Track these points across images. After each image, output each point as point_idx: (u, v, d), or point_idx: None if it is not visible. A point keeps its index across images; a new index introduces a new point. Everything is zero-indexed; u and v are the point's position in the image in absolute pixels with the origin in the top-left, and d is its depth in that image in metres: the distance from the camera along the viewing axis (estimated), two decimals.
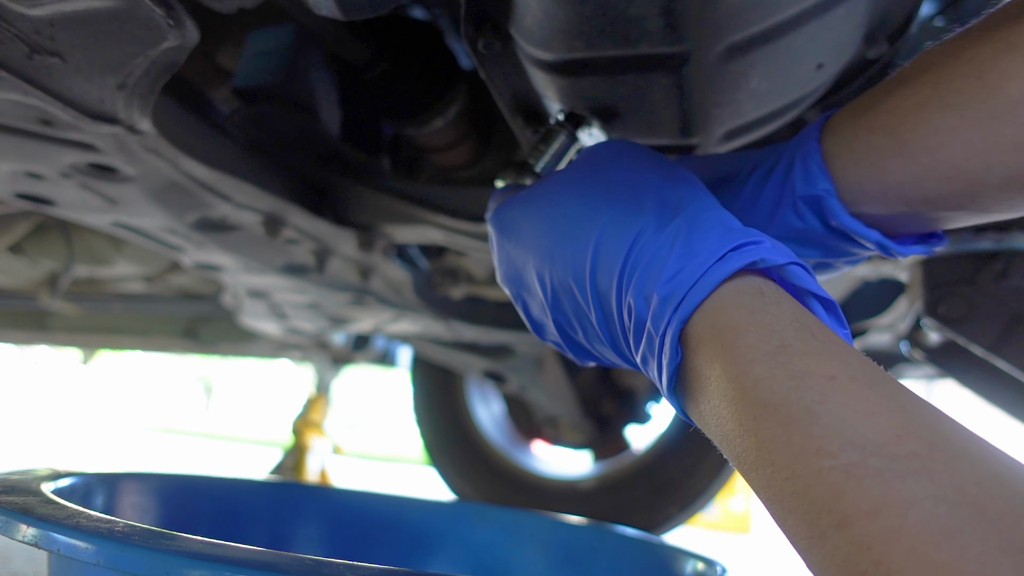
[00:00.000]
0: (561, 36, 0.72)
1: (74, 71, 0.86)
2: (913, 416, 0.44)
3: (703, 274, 0.56)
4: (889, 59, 0.88)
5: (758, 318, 0.53)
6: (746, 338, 0.52)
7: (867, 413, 0.44)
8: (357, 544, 1.29)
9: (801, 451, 0.45)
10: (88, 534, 0.62)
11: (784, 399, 0.47)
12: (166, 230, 1.44)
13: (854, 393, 0.46)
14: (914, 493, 0.40)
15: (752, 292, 0.55)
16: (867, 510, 0.40)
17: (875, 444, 0.42)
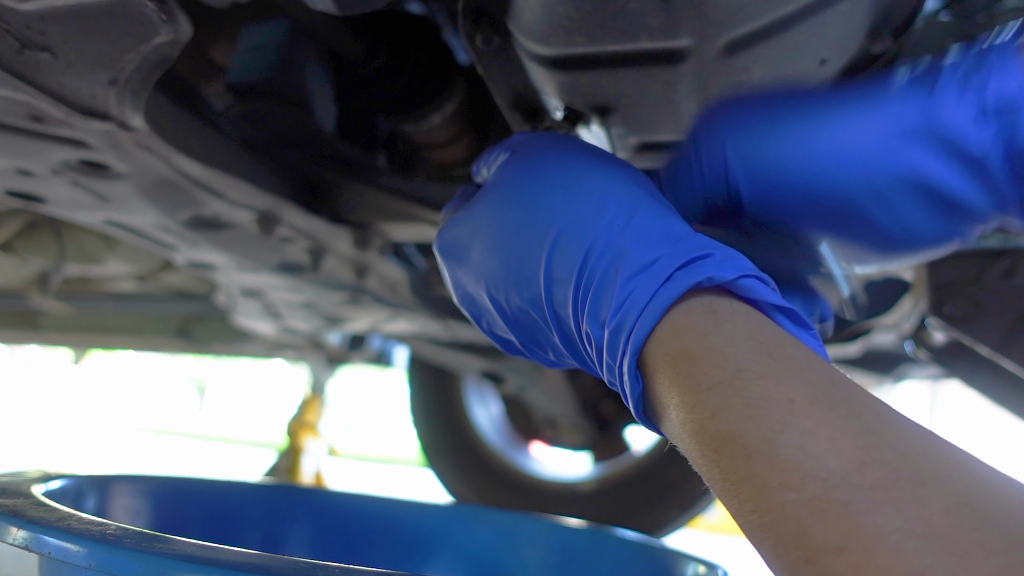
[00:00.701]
0: (560, 31, 0.72)
1: (65, 67, 0.86)
2: (878, 439, 0.43)
3: (650, 299, 0.53)
4: (893, 55, 0.88)
5: (711, 341, 0.50)
6: (700, 365, 0.50)
7: (828, 439, 0.43)
8: (352, 547, 1.29)
9: (764, 485, 0.44)
10: (79, 537, 0.62)
11: (742, 430, 0.46)
12: (158, 228, 1.44)
13: (814, 418, 0.44)
14: (880, 527, 0.39)
15: (704, 312, 0.52)
16: (833, 547, 0.40)
17: (838, 475, 0.41)
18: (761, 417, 0.45)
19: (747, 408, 0.46)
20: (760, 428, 0.45)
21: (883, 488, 0.40)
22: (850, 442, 0.42)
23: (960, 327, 1.24)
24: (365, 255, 1.63)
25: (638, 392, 0.55)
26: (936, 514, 0.39)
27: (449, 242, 0.70)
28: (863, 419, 0.44)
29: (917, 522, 0.38)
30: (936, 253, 0.66)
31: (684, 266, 0.53)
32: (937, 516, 0.38)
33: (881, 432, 0.43)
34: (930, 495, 0.39)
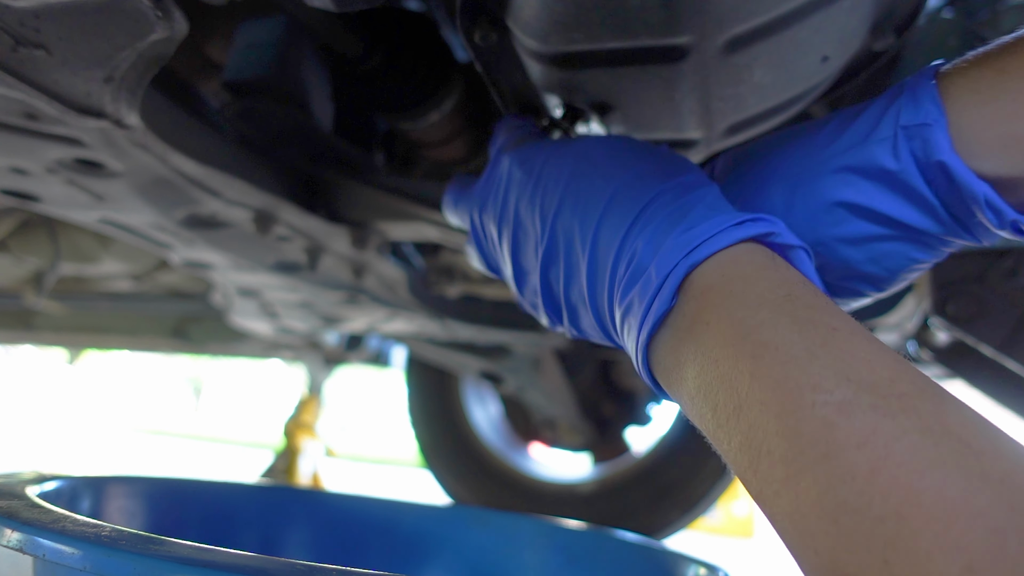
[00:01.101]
0: (559, 28, 0.72)
1: (60, 64, 0.86)
2: (907, 367, 0.47)
3: (720, 231, 0.58)
4: (896, 52, 0.88)
5: (768, 273, 0.55)
6: (756, 286, 0.54)
7: (864, 359, 0.47)
8: (350, 549, 1.29)
9: (796, 387, 0.47)
10: (74, 539, 0.62)
11: (786, 340, 0.49)
12: (154, 227, 1.44)
13: (855, 343, 0.48)
14: (902, 427, 0.42)
15: (764, 253, 0.58)
16: (855, 442, 0.43)
17: (869, 383, 0.45)
18: (807, 333, 0.49)
19: (795, 324, 0.50)
20: (804, 340, 0.49)
21: (908, 398, 0.44)
22: (883, 363, 0.47)
23: (963, 327, 1.24)
24: (363, 254, 1.63)
25: (663, 310, 0.58)
26: (954, 423, 0.42)
27: (527, 152, 0.77)
28: (895, 354, 0.48)
29: (936, 425, 0.42)
30: (912, 276, 0.71)
31: (755, 220, 0.59)
32: (955, 424, 0.42)
33: (906, 364, 0.47)
34: (950, 408, 0.43)
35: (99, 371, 19.49)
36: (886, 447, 0.41)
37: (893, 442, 0.41)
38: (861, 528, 0.41)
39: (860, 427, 0.43)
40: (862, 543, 0.41)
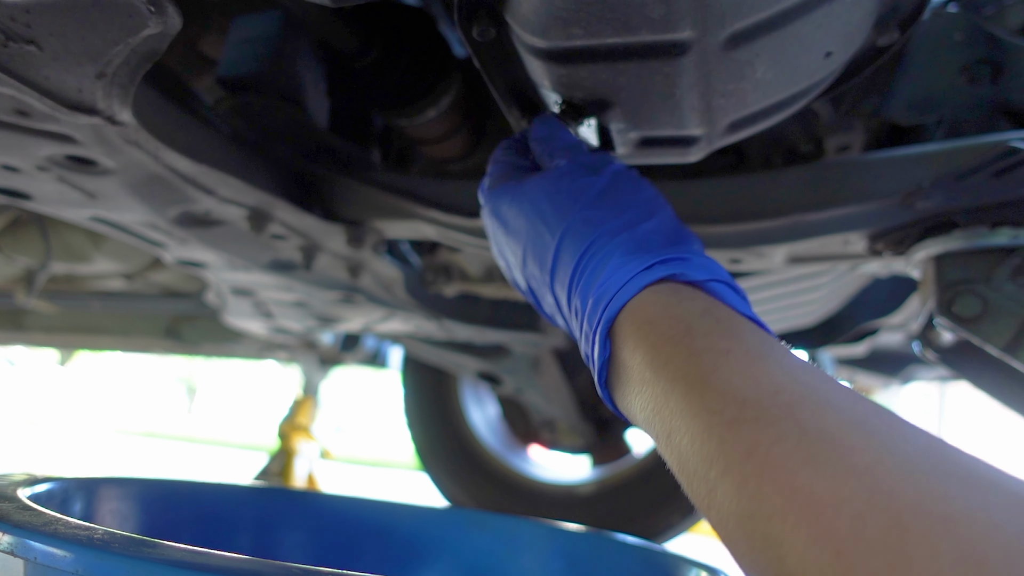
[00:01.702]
0: (559, 23, 0.72)
1: (51, 60, 0.86)
2: (793, 376, 0.52)
3: (629, 280, 0.66)
4: (901, 47, 0.89)
5: (670, 311, 0.62)
6: (659, 327, 0.61)
7: (751, 376, 0.53)
8: (346, 552, 1.29)
9: (696, 413, 0.53)
10: (66, 541, 0.62)
11: (686, 373, 0.56)
12: (147, 225, 1.44)
13: (746, 362, 0.54)
14: (780, 434, 0.47)
15: (669, 292, 0.65)
16: (743, 453, 0.48)
17: (754, 399, 0.51)
18: (702, 362, 0.56)
19: (691, 356, 0.57)
20: (700, 369, 0.55)
21: (789, 407, 0.49)
22: (768, 378, 0.52)
23: (968, 327, 1.23)
24: (359, 253, 1.63)
25: (604, 358, 0.67)
26: (831, 423, 0.47)
27: (496, 205, 0.87)
28: (784, 364, 0.54)
29: (812, 429, 0.47)
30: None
31: (663, 262, 0.66)
32: (831, 424, 0.47)
33: (798, 373, 0.53)
34: (828, 412, 0.48)
35: (91, 372, 19.51)
36: (767, 453, 0.47)
37: (773, 447, 0.47)
38: (759, 530, 0.46)
39: (746, 439, 0.49)
40: (760, 543, 0.46)
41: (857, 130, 1.33)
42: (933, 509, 0.40)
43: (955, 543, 0.38)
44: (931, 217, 1.24)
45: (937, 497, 0.40)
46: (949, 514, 0.39)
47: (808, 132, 1.34)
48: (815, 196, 1.26)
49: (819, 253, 1.39)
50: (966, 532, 0.38)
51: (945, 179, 1.16)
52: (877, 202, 1.22)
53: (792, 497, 0.44)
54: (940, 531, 0.38)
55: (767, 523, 0.45)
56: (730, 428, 0.50)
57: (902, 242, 1.29)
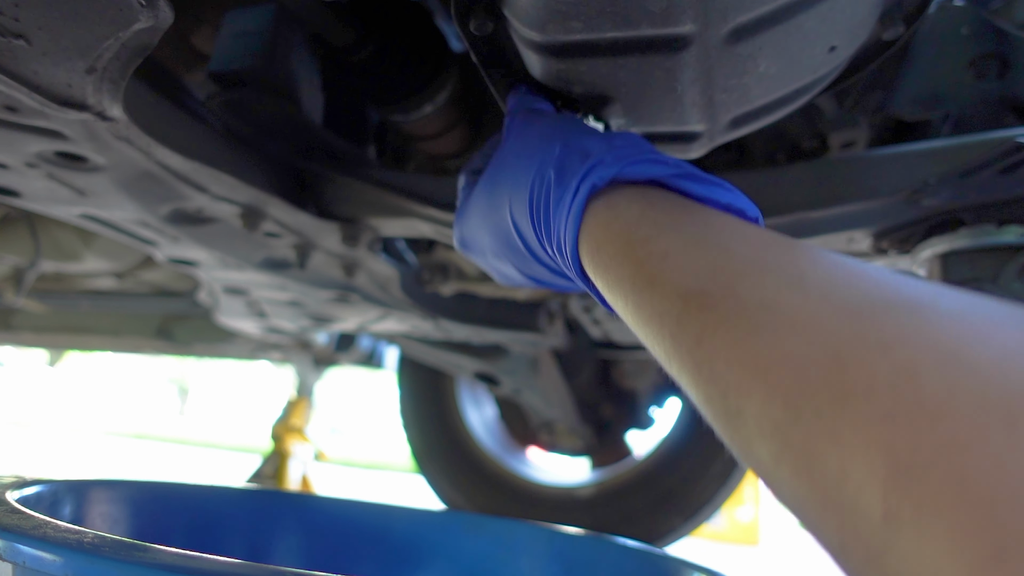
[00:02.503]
0: (557, 17, 0.72)
1: (40, 54, 0.86)
2: (732, 252, 0.54)
3: (567, 215, 0.69)
4: (907, 42, 0.88)
5: (610, 229, 0.64)
6: (606, 250, 0.64)
7: (690, 269, 0.55)
8: (340, 556, 1.29)
9: (650, 319, 0.57)
10: (55, 545, 0.62)
11: (633, 287, 0.60)
12: (138, 223, 1.44)
13: (682, 258, 0.56)
14: (724, 314, 0.50)
15: (604, 209, 0.66)
16: (693, 341, 0.51)
17: (695, 290, 0.53)
18: (644, 273, 0.59)
19: (634, 268, 0.60)
20: (644, 280, 0.58)
21: (728, 287, 0.51)
22: (707, 263, 0.54)
23: None
24: (354, 251, 1.63)
25: (590, 286, 0.71)
26: (770, 292, 0.49)
27: (459, 239, 0.92)
28: (723, 241, 0.56)
29: (754, 302, 0.49)
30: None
31: (583, 178, 0.68)
32: (771, 293, 0.48)
33: (736, 246, 0.55)
34: (767, 280, 0.50)
35: (81, 373, 19.50)
36: (713, 336, 0.49)
37: (719, 328, 0.49)
38: (721, 409, 0.49)
39: (694, 329, 0.51)
40: (725, 420, 0.48)
41: (862, 126, 1.33)
42: (869, 338, 0.41)
43: (890, 363, 0.39)
44: (937, 215, 1.24)
45: (874, 327, 0.42)
46: (885, 340, 0.41)
47: (812, 128, 1.34)
48: (819, 193, 1.27)
49: None
50: (899, 353, 0.40)
51: (951, 176, 1.16)
52: (882, 199, 1.22)
53: (741, 368, 0.46)
54: (875, 356, 0.40)
55: (724, 400, 0.47)
56: (679, 323, 0.53)
57: (907, 240, 1.29)
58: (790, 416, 0.42)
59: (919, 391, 0.37)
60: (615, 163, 0.67)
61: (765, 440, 0.44)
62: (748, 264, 0.52)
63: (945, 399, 0.36)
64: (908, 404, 0.37)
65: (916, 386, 0.38)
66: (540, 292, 1.99)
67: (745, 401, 0.45)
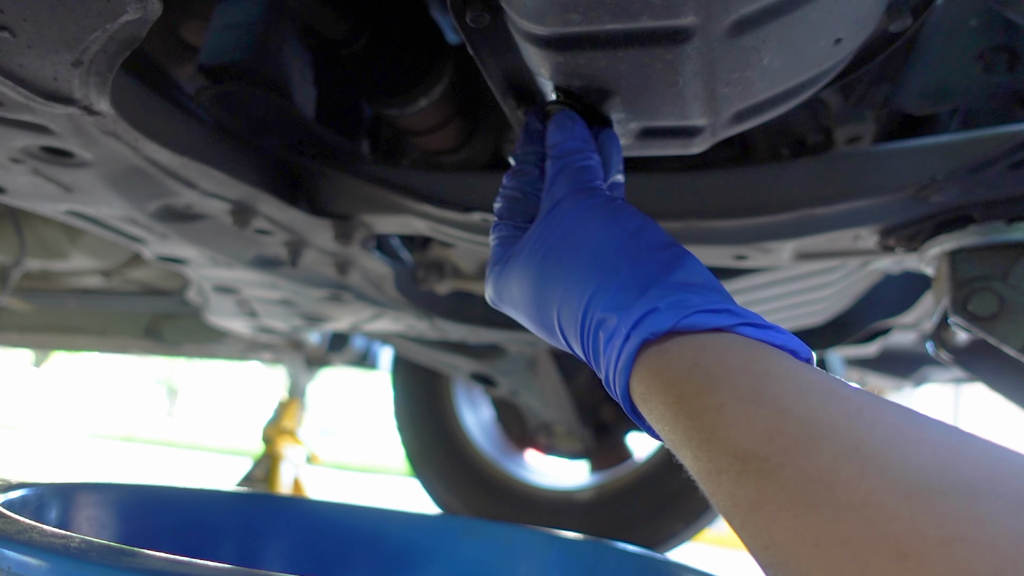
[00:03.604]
0: (556, 8, 0.72)
1: (25, 47, 0.86)
2: (787, 413, 0.54)
3: (618, 359, 0.69)
4: (914, 34, 0.88)
5: (661, 378, 0.64)
6: (655, 399, 0.64)
7: (746, 426, 0.55)
8: (333, 561, 1.29)
9: (708, 474, 0.57)
10: (41, 550, 0.62)
11: (688, 440, 0.60)
12: (126, 220, 1.44)
13: (737, 413, 0.57)
14: (782, 482, 0.50)
15: (657, 356, 0.66)
16: (751, 506, 0.52)
17: (752, 451, 0.54)
18: (700, 427, 0.59)
19: (689, 420, 0.60)
20: (700, 435, 0.59)
21: (785, 452, 0.52)
22: (763, 423, 0.54)
23: (984, 326, 1.24)
24: (347, 249, 1.63)
25: (639, 419, 0.71)
26: (827, 462, 0.49)
27: (493, 296, 0.89)
28: (778, 400, 0.56)
29: (812, 471, 0.49)
30: None
31: (636, 325, 0.67)
32: (828, 463, 0.49)
33: (791, 407, 0.55)
34: (823, 449, 0.50)
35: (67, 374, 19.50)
36: (772, 505, 0.50)
37: (777, 498, 0.50)
38: (782, 572, 0.49)
39: (752, 494, 0.52)
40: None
41: (868, 120, 1.33)
42: (929, 531, 0.42)
43: (949, 565, 0.41)
44: (945, 211, 1.24)
45: (933, 517, 0.43)
46: (944, 536, 0.42)
47: (817, 122, 1.34)
48: (824, 189, 1.26)
49: (828, 249, 1.39)
50: (960, 552, 0.41)
51: (960, 171, 1.16)
52: (889, 196, 1.22)
53: (801, 542, 0.48)
54: (936, 555, 0.41)
55: (785, 568, 0.49)
56: (736, 484, 0.54)
57: (915, 237, 1.29)
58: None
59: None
60: (672, 314, 0.66)
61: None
62: (805, 427, 0.53)
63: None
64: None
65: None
66: None
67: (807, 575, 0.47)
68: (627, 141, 0.92)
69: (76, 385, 21.04)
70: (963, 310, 1.24)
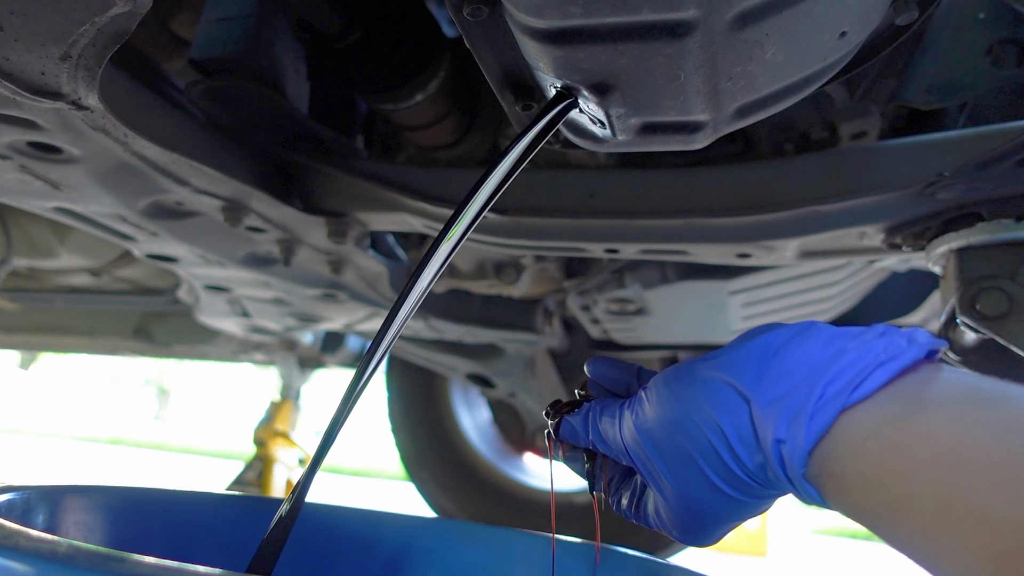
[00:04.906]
0: (555, 1, 0.72)
1: (12, 40, 0.86)
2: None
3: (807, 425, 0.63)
4: (921, 27, 0.88)
5: (858, 466, 0.59)
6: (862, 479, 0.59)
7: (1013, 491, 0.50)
8: (327, 565, 1.29)
9: (974, 550, 0.51)
10: (28, 556, 0.62)
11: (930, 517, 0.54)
12: (115, 217, 1.43)
13: (991, 480, 0.51)
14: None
15: (860, 437, 0.60)
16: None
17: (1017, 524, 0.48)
18: (906, 523, 0.55)
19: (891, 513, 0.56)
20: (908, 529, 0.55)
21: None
22: (1015, 487, 0.50)
23: (993, 326, 1.24)
24: (341, 247, 1.63)
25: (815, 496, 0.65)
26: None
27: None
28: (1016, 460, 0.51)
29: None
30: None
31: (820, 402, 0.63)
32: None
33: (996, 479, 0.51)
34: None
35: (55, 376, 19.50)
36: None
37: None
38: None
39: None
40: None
41: (873, 115, 1.33)
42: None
43: None
44: (953, 208, 1.24)
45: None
46: None
47: (821, 118, 1.34)
48: (829, 186, 1.27)
49: (833, 247, 1.39)
50: None
51: (968, 168, 1.16)
52: (895, 192, 1.22)
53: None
54: None
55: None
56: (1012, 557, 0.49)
57: (922, 235, 1.29)
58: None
59: None
60: (855, 382, 0.63)
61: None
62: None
63: None
64: None
65: None
66: (536, 290, 1.99)
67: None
68: (627, 137, 0.92)
69: (64, 387, 21.02)
70: (971, 309, 1.24)
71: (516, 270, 1.83)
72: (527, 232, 1.45)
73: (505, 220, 1.42)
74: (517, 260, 1.83)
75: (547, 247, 1.50)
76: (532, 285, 1.93)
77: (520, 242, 1.46)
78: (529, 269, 1.85)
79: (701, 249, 1.40)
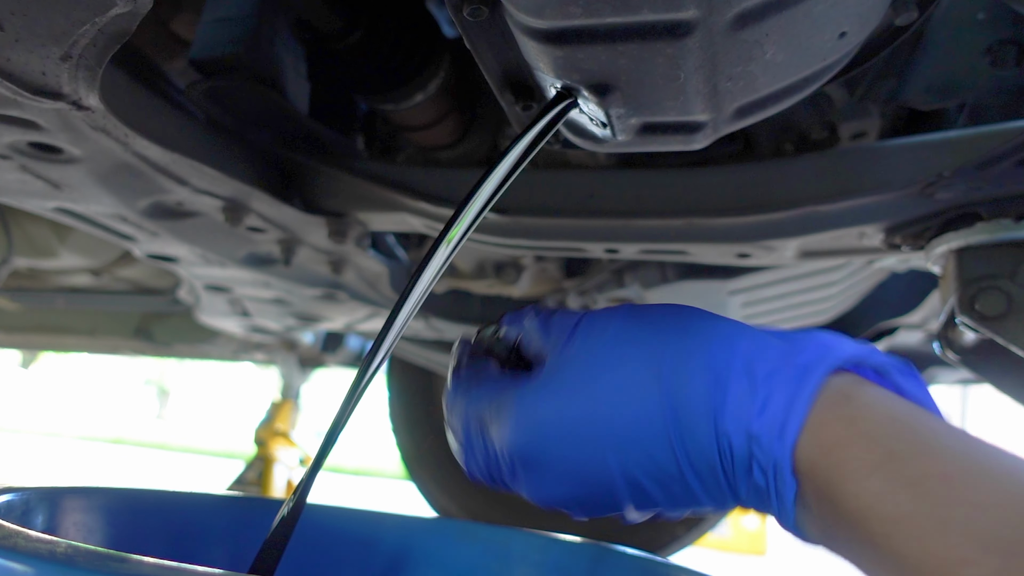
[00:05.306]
0: (555, 1, 0.71)
1: (13, 40, 0.86)
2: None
3: (792, 398, 0.59)
4: (920, 27, 0.88)
5: (858, 427, 0.56)
6: (853, 450, 0.55)
7: (993, 508, 0.48)
8: (327, 565, 1.29)
9: (943, 562, 0.48)
10: (27, 556, 0.62)
11: (911, 511, 0.51)
12: (115, 217, 1.43)
13: (973, 489, 0.50)
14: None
15: (842, 401, 0.58)
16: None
17: (1007, 542, 0.47)
18: (926, 495, 0.50)
19: (911, 487, 0.51)
20: (930, 507, 0.50)
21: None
22: (1008, 502, 0.48)
23: (992, 326, 1.24)
24: (341, 247, 1.63)
25: (792, 493, 0.59)
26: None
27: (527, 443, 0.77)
28: (1014, 478, 0.50)
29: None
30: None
31: (809, 364, 0.60)
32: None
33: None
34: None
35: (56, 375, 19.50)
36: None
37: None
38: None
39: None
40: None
41: (873, 116, 1.33)
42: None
43: None
44: (952, 208, 1.24)
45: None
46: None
47: (821, 118, 1.34)
48: (828, 186, 1.27)
49: (833, 247, 1.39)
50: None
51: (967, 168, 1.16)
52: (895, 193, 1.22)
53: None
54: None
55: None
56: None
57: (921, 235, 1.29)
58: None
59: None
60: (840, 354, 0.60)
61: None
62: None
63: None
64: None
65: None
66: (536, 290, 1.99)
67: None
68: (627, 137, 0.92)
69: (64, 386, 21.04)
70: (970, 309, 1.24)
71: (516, 270, 1.83)
72: (527, 232, 1.45)
73: (505, 220, 1.42)
74: (517, 260, 1.83)
75: (547, 247, 1.50)
76: (532, 285, 1.93)
77: (520, 242, 1.46)
78: (529, 269, 1.85)
79: (701, 249, 1.40)
